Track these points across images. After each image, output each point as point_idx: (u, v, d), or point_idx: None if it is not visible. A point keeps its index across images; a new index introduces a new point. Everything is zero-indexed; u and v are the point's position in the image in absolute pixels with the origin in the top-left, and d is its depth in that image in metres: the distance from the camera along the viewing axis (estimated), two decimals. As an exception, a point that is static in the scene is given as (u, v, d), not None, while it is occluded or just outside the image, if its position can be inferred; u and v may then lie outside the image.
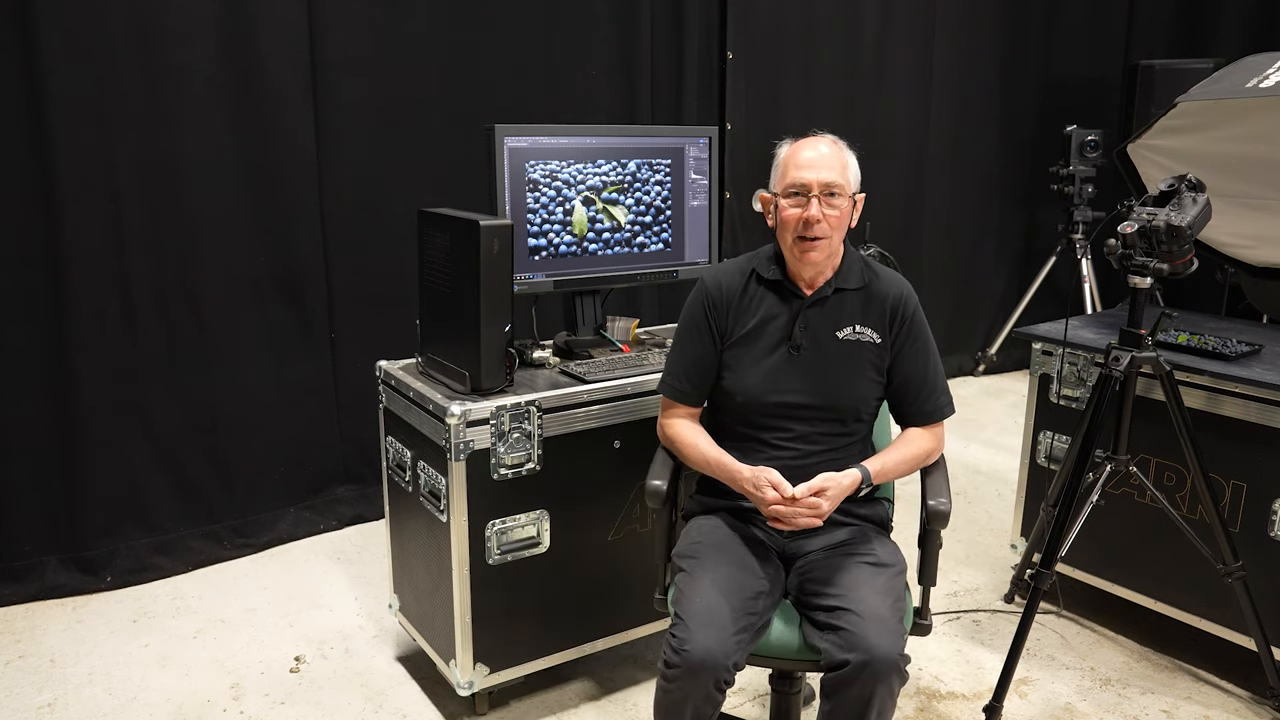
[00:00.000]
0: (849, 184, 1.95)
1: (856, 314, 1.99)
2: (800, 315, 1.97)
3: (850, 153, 1.99)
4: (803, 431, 1.97)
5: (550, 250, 2.54)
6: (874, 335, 1.98)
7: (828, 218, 1.91)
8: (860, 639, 1.68)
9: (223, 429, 3.25)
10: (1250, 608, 2.38)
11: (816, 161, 1.92)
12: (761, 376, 1.97)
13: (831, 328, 1.98)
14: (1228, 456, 2.49)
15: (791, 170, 1.93)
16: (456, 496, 2.20)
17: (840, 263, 2.01)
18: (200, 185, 3.09)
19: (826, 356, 1.97)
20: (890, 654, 1.67)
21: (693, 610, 1.73)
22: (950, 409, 2.03)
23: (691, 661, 1.67)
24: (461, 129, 3.50)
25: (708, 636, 1.68)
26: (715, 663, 1.67)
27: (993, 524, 3.59)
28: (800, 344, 1.97)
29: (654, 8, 3.94)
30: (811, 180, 1.90)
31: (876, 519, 2.02)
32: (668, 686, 1.71)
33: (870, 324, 1.99)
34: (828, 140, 1.96)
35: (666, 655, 1.70)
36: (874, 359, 1.98)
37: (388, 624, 2.84)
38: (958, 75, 5.08)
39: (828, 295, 1.98)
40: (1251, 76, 2.74)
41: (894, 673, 1.68)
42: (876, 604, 1.74)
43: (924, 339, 2.01)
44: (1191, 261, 2.25)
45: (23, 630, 2.80)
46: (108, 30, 2.87)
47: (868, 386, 1.99)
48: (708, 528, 1.97)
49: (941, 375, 2.03)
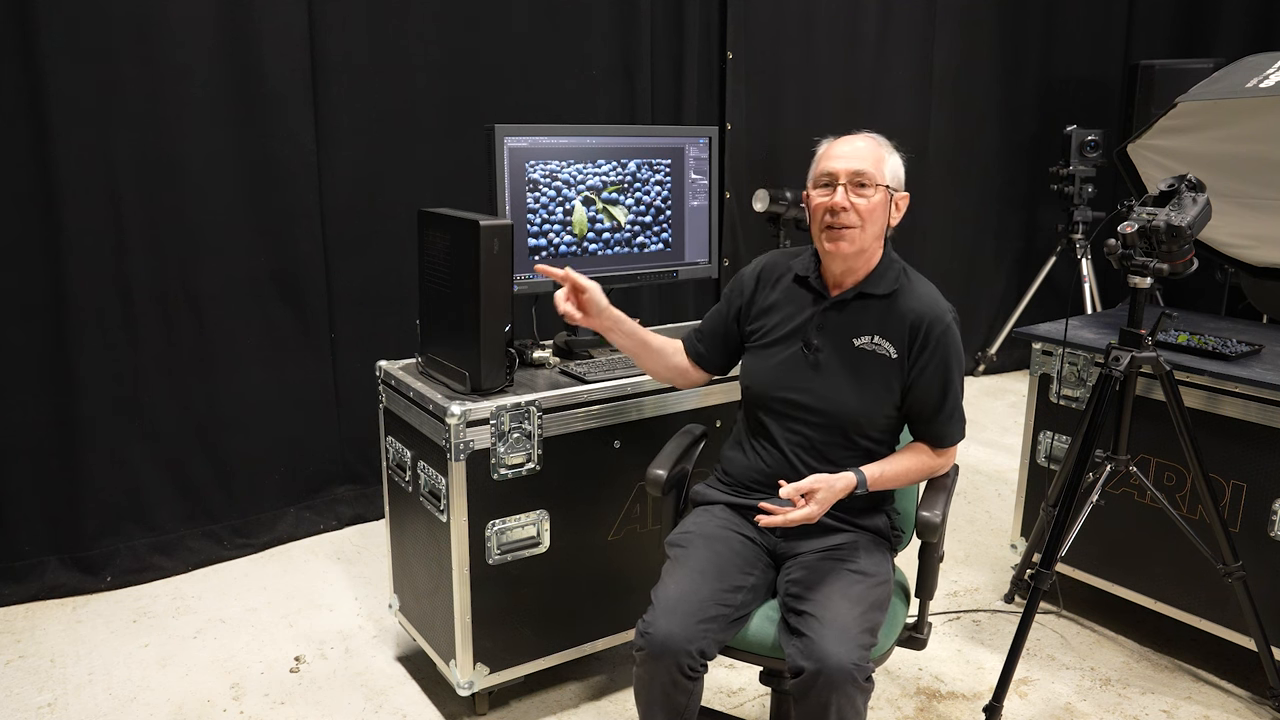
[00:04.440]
0: (881, 175, 1.90)
1: (876, 323, 1.93)
2: (818, 316, 1.96)
3: (892, 151, 1.95)
4: (809, 436, 1.94)
5: (550, 250, 2.54)
6: (890, 349, 1.91)
7: (855, 206, 1.87)
8: (817, 647, 1.67)
9: (223, 429, 3.25)
10: (1250, 608, 2.38)
11: (849, 153, 1.91)
12: (773, 369, 1.97)
13: (849, 333, 1.94)
14: (1228, 456, 2.49)
15: (823, 161, 1.93)
16: (456, 496, 2.20)
17: (875, 267, 1.96)
18: (200, 185, 3.09)
19: (840, 362, 1.93)
20: (843, 664, 1.64)
21: (664, 595, 1.78)
22: (961, 435, 1.97)
23: (653, 644, 1.72)
24: (461, 129, 3.50)
25: (671, 622, 1.72)
26: (676, 646, 1.70)
27: (993, 524, 3.59)
28: (814, 344, 1.95)
29: (654, 8, 3.94)
30: (840, 169, 1.89)
31: (874, 528, 1.97)
32: (638, 670, 1.78)
33: (889, 336, 1.92)
34: (865, 136, 1.95)
35: (635, 638, 1.76)
36: (887, 373, 1.92)
37: (388, 624, 2.84)
38: (958, 75, 5.08)
39: (849, 299, 1.95)
40: (1251, 76, 2.74)
41: (849, 683, 1.65)
42: (842, 612, 1.73)
43: (946, 364, 1.92)
44: (1191, 261, 2.25)
45: (23, 630, 2.80)
46: (108, 30, 2.87)
47: (876, 400, 1.92)
48: (704, 518, 1.99)
49: (958, 403, 1.96)
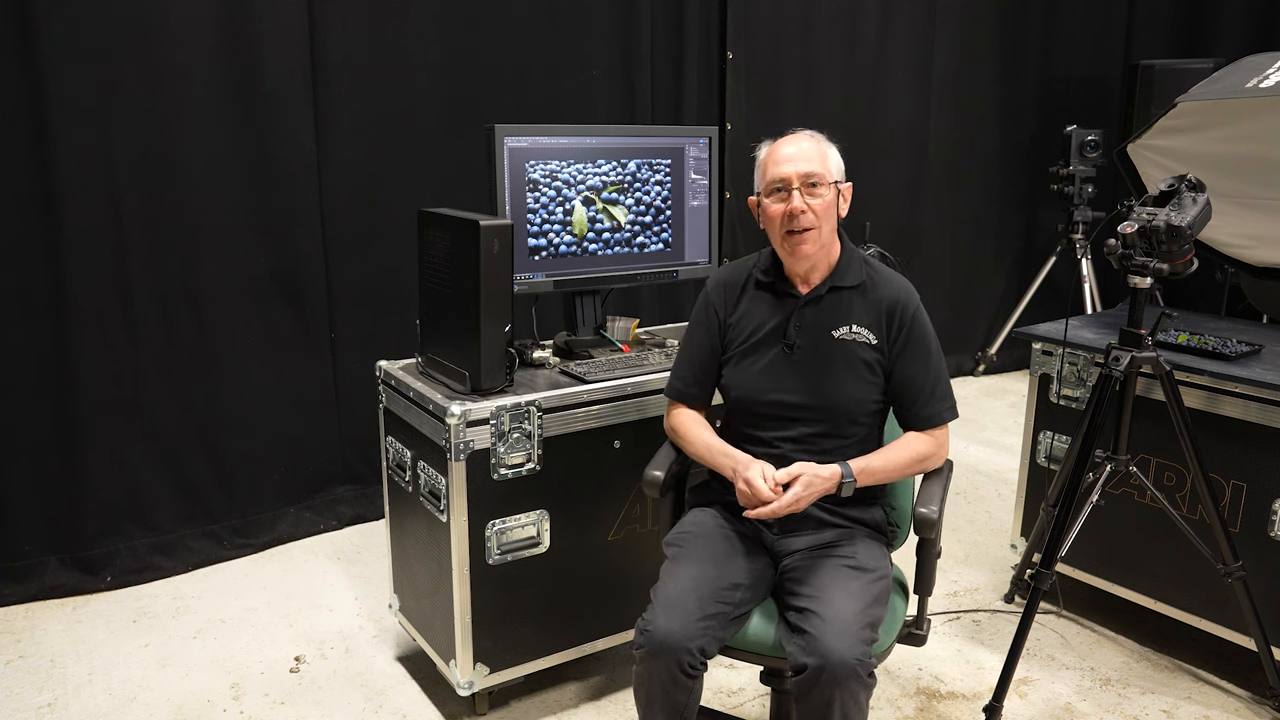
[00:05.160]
0: (830, 173, 1.94)
1: (853, 313, 1.97)
2: (795, 314, 1.97)
3: (830, 145, 1.99)
4: (800, 433, 1.95)
5: (550, 250, 2.54)
6: (870, 335, 1.96)
7: (811, 207, 1.91)
8: (819, 643, 1.67)
9: (223, 429, 3.25)
10: (1250, 608, 2.38)
11: (794, 155, 1.93)
12: (757, 375, 1.98)
13: (827, 326, 1.97)
14: (1228, 456, 2.49)
15: (771, 168, 1.95)
16: (456, 496, 2.20)
17: (837, 260, 2.00)
18: (200, 185, 3.09)
19: (822, 356, 1.96)
20: (847, 660, 1.64)
21: (663, 594, 1.79)
22: (951, 414, 1.98)
23: (653, 642, 1.72)
24: (461, 129, 3.50)
25: (670, 620, 1.73)
26: (675, 644, 1.71)
27: (993, 524, 3.59)
28: (795, 343, 1.96)
29: (654, 8, 3.94)
30: (790, 173, 1.91)
31: (870, 523, 1.98)
32: (637, 668, 1.78)
33: (866, 324, 1.96)
34: (804, 135, 1.97)
35: (635, 637, 1.77)
36: (870, 360, 1.95)
37: (388, 624, 2.84)
38: (958, 75, 5.08)
39: (823, 294, 1.98)
40: (1251, 76, 2.74)
41: (852, 678, 1.65)
42: (844, 608, 1.73)
43: (924, 343, 1.97)
44: (1191, 261, 2.25)
45: (23, 630, 2.80)
46: (108, 30, 2.87)
47: (863, 388, 1.96)
48: (700, 518, 2.00)
49: (944, 380, 1.99)
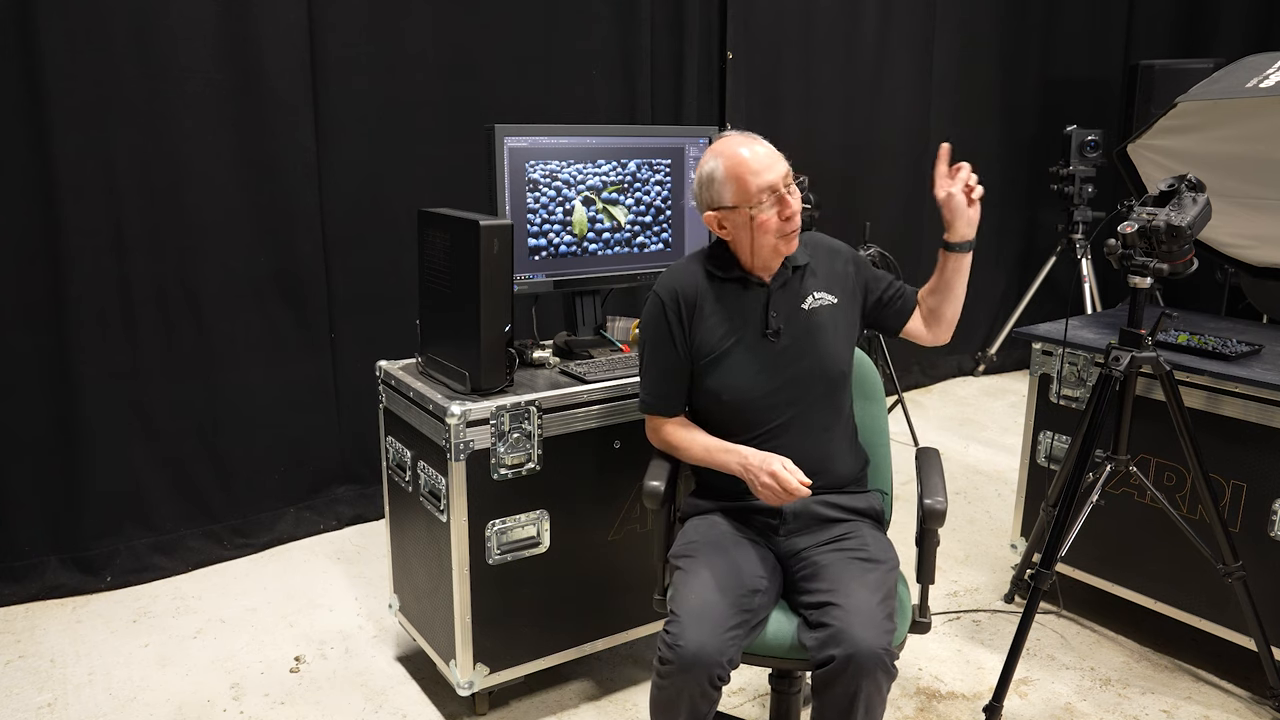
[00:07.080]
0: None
1: (814, 283, 2.06)
2: (769, 302, 2.01)
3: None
4: (798, 413, 1.99)
5: (550, 250, 2.54)
6: (829, 297, 2.05)
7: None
8: (845, 634, 1.68)
9: (223, 429, 3.25)
10: (1250, 608, 2.38)
11: (768, 160, 1.95)
12: (748, 371, 1.99)
13: (796, 303, 2.03)
14: (1228, 456, 2.49)
15: (752, 178, 1.92)
16: (456, 496, 2.20)
17: None
18: (200, 185, 3.09)
19: (801, 332, 2.01)
20: (875, 649, 1.66)
21: (687, 607, 1.74)
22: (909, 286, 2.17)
23: (685, 657, 1.67)
24: (461, 129, 3.50)
25: (701, 632, 1.69)
26: (708, 658, 1.67)
27: (993, 524, 3.59)
28: (777, 329, 2.00)
29: (654, 8, 3.94)
30: (775, 179, 1.94)
31: (869, 511, 2.03)
32: (662, 683, 1.72)
33: (824, 288, 2.05)
34: (749, 137, 1.98)
35: (661, 651, 1.71)
36: (840, 317, 2.06)
37: (388, 624, 2.85)
38: (958, 75, 5.08)
39: (788, 275, 2.03)
40: (1251, 76, 2.74)
41: (879, 668, 1.67)
42: (864, 599, 1.74)
43: (873, 269, 2.15)
44: (1191, 261, 2.25)
45: (23, 630, 2.80)
46: (108, 30, 2.87)
47: (843, 344, 2.06)
48: (703, 527, 1.98)
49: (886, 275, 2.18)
